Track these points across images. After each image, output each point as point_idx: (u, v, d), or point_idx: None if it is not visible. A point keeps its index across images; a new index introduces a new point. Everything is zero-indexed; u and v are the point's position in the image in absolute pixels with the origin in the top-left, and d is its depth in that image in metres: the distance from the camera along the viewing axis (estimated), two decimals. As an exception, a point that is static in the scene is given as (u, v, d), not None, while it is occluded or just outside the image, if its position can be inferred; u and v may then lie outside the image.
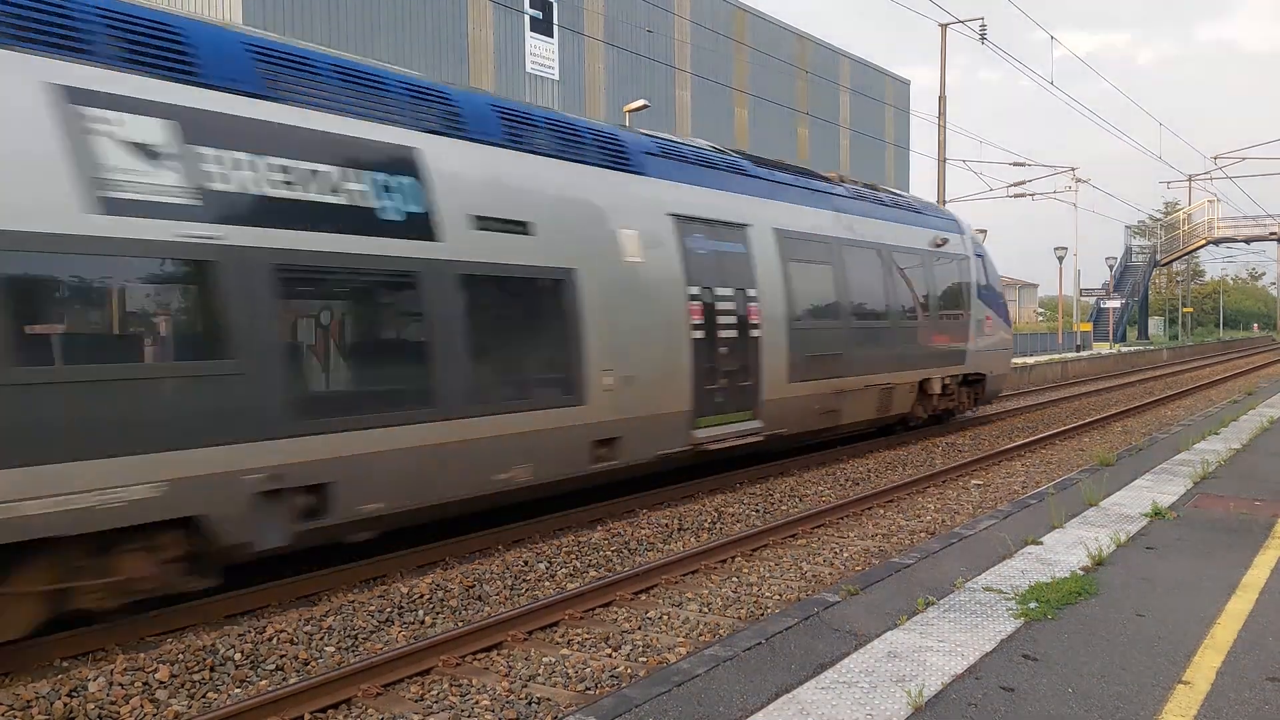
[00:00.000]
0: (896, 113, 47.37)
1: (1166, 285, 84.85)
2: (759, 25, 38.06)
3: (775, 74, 38.21)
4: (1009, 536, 7.92)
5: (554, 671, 6.63)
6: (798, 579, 8.88)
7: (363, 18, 23.83)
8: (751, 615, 7.81)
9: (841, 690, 4.84)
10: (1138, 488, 10.34)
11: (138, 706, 6.14)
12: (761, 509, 12.12)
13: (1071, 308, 53.08)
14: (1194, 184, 61.18)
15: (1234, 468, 11.66)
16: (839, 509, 11.55)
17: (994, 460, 15.69)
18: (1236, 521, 8.64)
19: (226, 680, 6.56)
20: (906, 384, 16.65)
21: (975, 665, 5.15)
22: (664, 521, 11.09)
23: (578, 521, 11.39)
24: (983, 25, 32.55)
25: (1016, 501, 10.03)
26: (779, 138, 39.58)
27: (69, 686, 6.26)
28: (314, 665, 6.88)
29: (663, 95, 33.11)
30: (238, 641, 7.06)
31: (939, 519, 11.43)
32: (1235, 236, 61.31)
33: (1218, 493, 10.01)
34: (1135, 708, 4.62)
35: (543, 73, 28.99)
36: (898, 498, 12.65)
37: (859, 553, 9.82)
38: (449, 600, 8.17)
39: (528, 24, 28.50)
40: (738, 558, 9.58)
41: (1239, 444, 13.53)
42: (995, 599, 6.30)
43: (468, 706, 6.08)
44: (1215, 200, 60.31)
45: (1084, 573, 6.87)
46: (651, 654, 6.95)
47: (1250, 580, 6.78)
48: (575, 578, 9.05)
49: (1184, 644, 5.50)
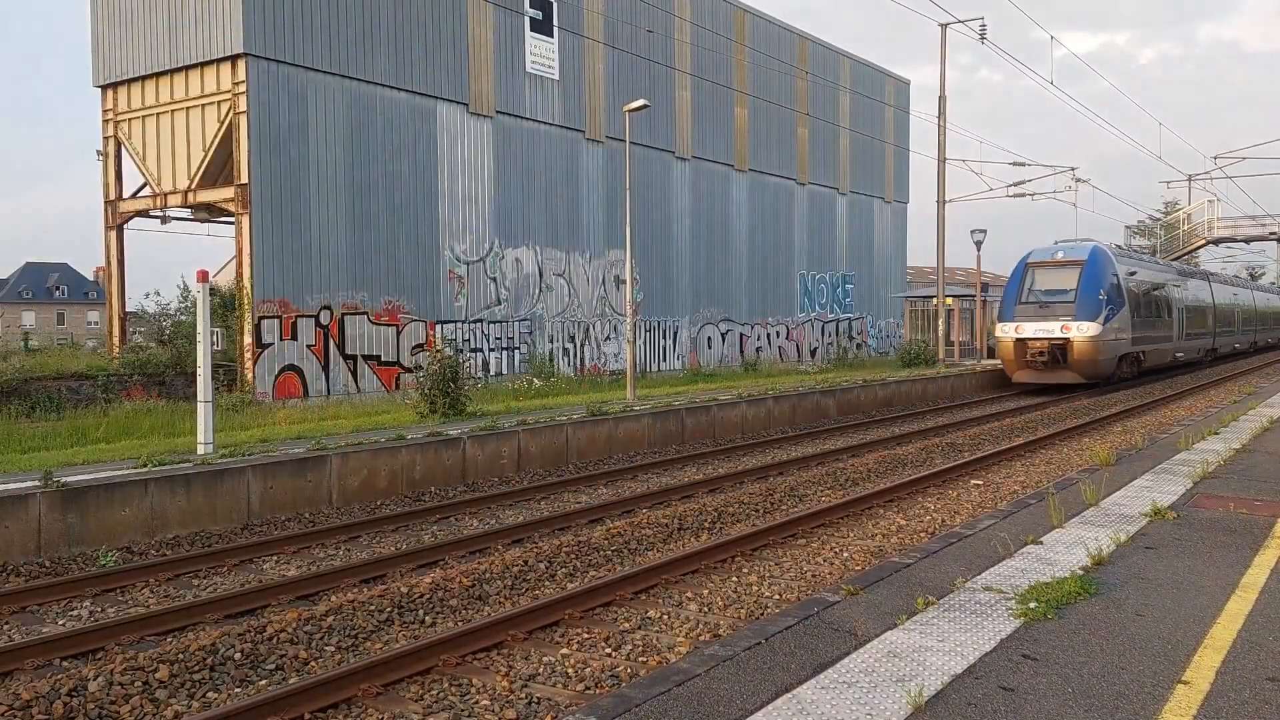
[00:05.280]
0: (896, 113, 47.31)
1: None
2: (759, 25, 38.00)
3: (775, 74, 38.17)
4: (1009, 536, 7.92)
5: (554, 671, 6.63)
6: (798, 579, 8.88)
7: (363, 17, 23.81)
8: (751, 615, 7.81)
9: (841, 690, 4.84)
10: (1137, 488, 10.33)
11: (138, 706, 6.14)
12: (761, 509, 12.12)
13: (1071, 308, 53.04)
14: (1194, 184, 61.20)
15: (1234, 468, 11.66)
16: (839, 509, 11.55)
17: (994, 460, 15.69)
18: (1236, 521, 8.63)
19: (226, 680, 6.57)
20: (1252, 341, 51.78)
21: (975, 665, 5.15)
22: (664, 521, 11.09)
23: (578, 521, 11.40)
24: (983, 25, 32.54)
25: (1016, 501, 10.03)
26: (779, 138, 39.56)
27: (69, 686, 6.26)
28: (314, 665, 6.89)
29: (663, 95, 33.07)
30: (238, 641, 7.06)
31: (939, 519, 11.43)
32: (1235, 236, 61.24)
33: (1217, 493, 10.01)
34: (1135, 708, 4.62)
35: (543, 73, 28.97)
36: (898, 498, 12.65)
37: (859, 553, 9.82)
38: (449, 600, 8.17)
39: (528, 24, 28.46)
40: (738, 558, 9.58)
41: (1239, 444, 13.52)
42: (995, 599, 6.30)
43: (468, 706, 6.09)
44: (1215, 200, 60.30)
45: (1084, 572, 6.86)
46: (651, 654, 6.96)
47: (1250, 580, 6.78)
48: (575, 578, 9.05)
49: (1184, 644, 5.50)
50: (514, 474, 15.05)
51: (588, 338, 31.07)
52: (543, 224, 29.34)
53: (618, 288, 31.87)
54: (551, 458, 15.85)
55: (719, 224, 36.68)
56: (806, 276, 41.83)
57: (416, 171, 25.46)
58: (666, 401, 20.43)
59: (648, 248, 32.79)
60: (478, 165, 27.24)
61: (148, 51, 23.55)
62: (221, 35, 22.02)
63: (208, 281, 13.42)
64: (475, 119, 27.08)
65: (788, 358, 40.10)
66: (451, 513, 12.12)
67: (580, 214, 30.71)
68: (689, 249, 35.17)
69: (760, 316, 38.93)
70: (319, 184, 23.06)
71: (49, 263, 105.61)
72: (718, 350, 36.60)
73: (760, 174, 38.74)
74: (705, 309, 36.03)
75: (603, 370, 31.16)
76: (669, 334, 34.33)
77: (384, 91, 24.61)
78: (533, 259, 28.98)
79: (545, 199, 29.40)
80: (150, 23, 23.45)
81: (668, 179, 34.10)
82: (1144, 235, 69.53)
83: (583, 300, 30.82)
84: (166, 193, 24.06)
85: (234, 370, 22.12)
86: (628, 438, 17.44)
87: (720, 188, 36.71)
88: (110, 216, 25.29)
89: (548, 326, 29.57)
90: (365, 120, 24.15)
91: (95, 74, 24.73)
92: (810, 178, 41.78)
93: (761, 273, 39.00)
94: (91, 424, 16.52)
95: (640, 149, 31.48)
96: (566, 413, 17.92)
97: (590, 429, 16.69)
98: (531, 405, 20.46)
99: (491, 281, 27.64)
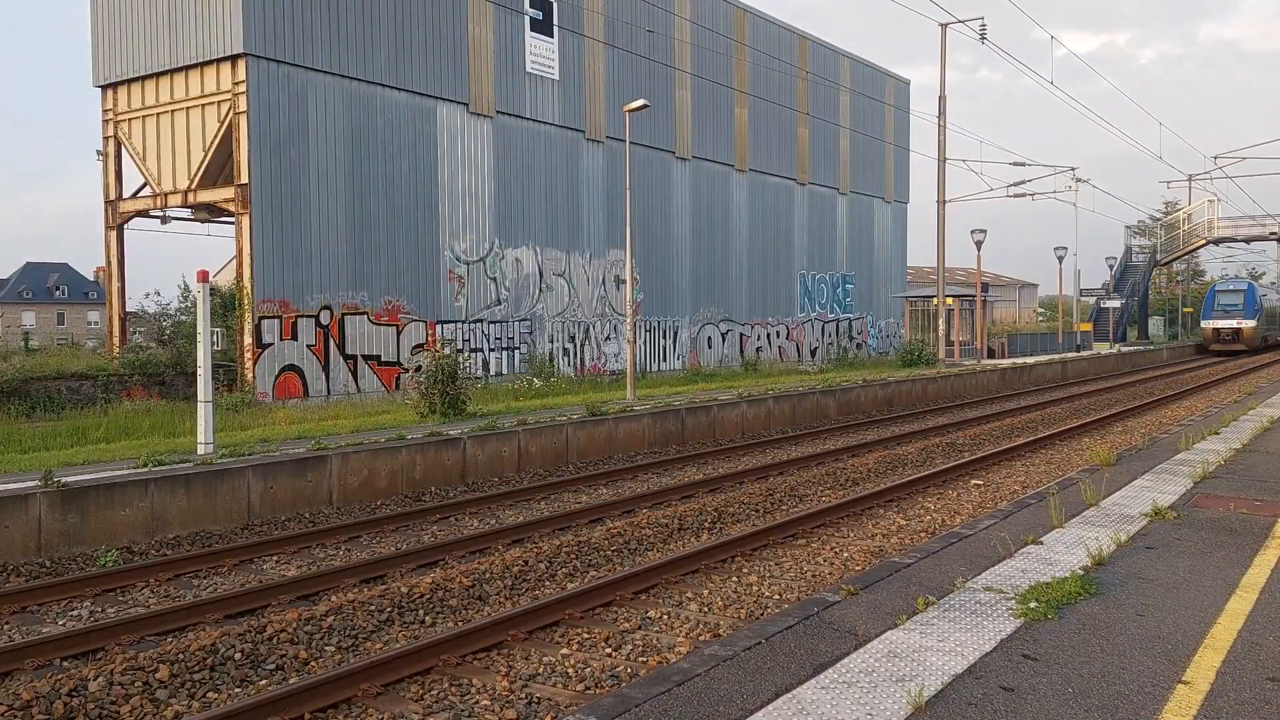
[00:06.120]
0: (896, 113, 47.31)
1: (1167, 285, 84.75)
2: (759, 25, 38.00)
3: (775, 74, 38.18)
4: (1009, 536, 7.92)
5: (554, 671, 6.63)
6: (798, 579, 8.88)
7: (363, 17, 23.81)
8: (751, 615, 7.81)
9: (842, 690, 4.84)
10: (1138, 488, 10.33)
11: (138, 706, 6.14)
12: (761, 509, 12.12)
13: (1071, 308, 53.09)
14: (1194, 184, 61.19)
15: (1234, 468, 11.66)
16: (839, 509, 11.55)
17: (994, 460, 15.69)
18: (1236, 521, 8.63)
19: (226, 680, 6.57)
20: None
21: (975, 665, 5.15)
22: (664, 521, 11.09)
23: (578, 521, 11.40)
24: (983, 25, 32.54)
25: (1016, 501, 10.02)
26: (779, 138, 39.56)
27: (69, 686, 6.26)
28: (314, 665, 6.88)
29: (663, 95, 33.08)
30: (238, 641, 7.06)
31: (939, 519, 11.43)
32: (1235, 236, 61.25)
33: (1218, 493, 10.01)
34: (1135, 708, 4.62)
35: (543, 73, 28.97)
36: (898, 498, 12.65)
37: (859, 553, 9.82)
38: (449, 600, 8.17)
39: (528, 24, 28.47)
40: (738, 558, 9.58)
41: (1239, 444, 13.52)
42: (995, 599, 6.30)
43: (468, 706, 6.09)
44: (1215, 200, 60.28)
45: (1084, 572, 6.86)
46: (651, 654, 6.96)
47: (1250, 580, 6.78)
48: (575, 578, 9.05)
49: (1184, 644, 5.50)
50: (514, 474, 15.05)
51: (588, 338, 31.07)
52: (543, 224, 29.34)
53: (618, 288, 31.87)
54: (551, 458, 15.86)
55: (719, 224, 36.68)
56: (806, 276, 41.83)
57: (416, 171, 25.47)
58: (666, 401, 20.43)
59: (648, 248, 32.79)
60: (478, 165, 27.24)
61: (148, 51, 23.55)
62: (221, 35, 22.02)
63: (208, 281, 13.42)
64: (475, 119, 27.08)
65: (788, 358, 40.11)
66: (451, 513, 12.12)
67: (580, 214, 30.71)
68: (689, 249, 35.17)
69: (760, 316, 38.94)
70: (319, 184, 23.06)
71: (49, 263, 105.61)
72: (718, 350, 36.61)
73: (760, 174, 38.74)
74: (705, 309, 36.03)
75: (603, 370, 31.17)
76: (669, 334, 34.34)
77: (384, 91, 24.61)
78: (533, 259, 28.98)
79: (545, 199, 29.40)
80: (150, 23, 23.45)
81: (668, 179, 34.10)
82: (1144, 235, 69.46)
83: (583, 300, 30.82)
84: (166, 193, 24.06)
85: (234, 370, 22.12)
86: (628, 438, 17.44)
87: (720, 188, 36.72)
88: (110, 216, 25.29)
89: (548, 326, 29.57)
90: (365, 120, 24.15)
91: (95, 74, 24.73)
92: (810, 178, 41.78)
93: (761, 273, 39.00)
94: (91, 424, 16.52)
95: (640, 149, 31.48)
96: (566, 413, 17.92)
97: (590, 429, 16.69)
98: (531, 405, 20.46)
99: (491, 281, 27.64)
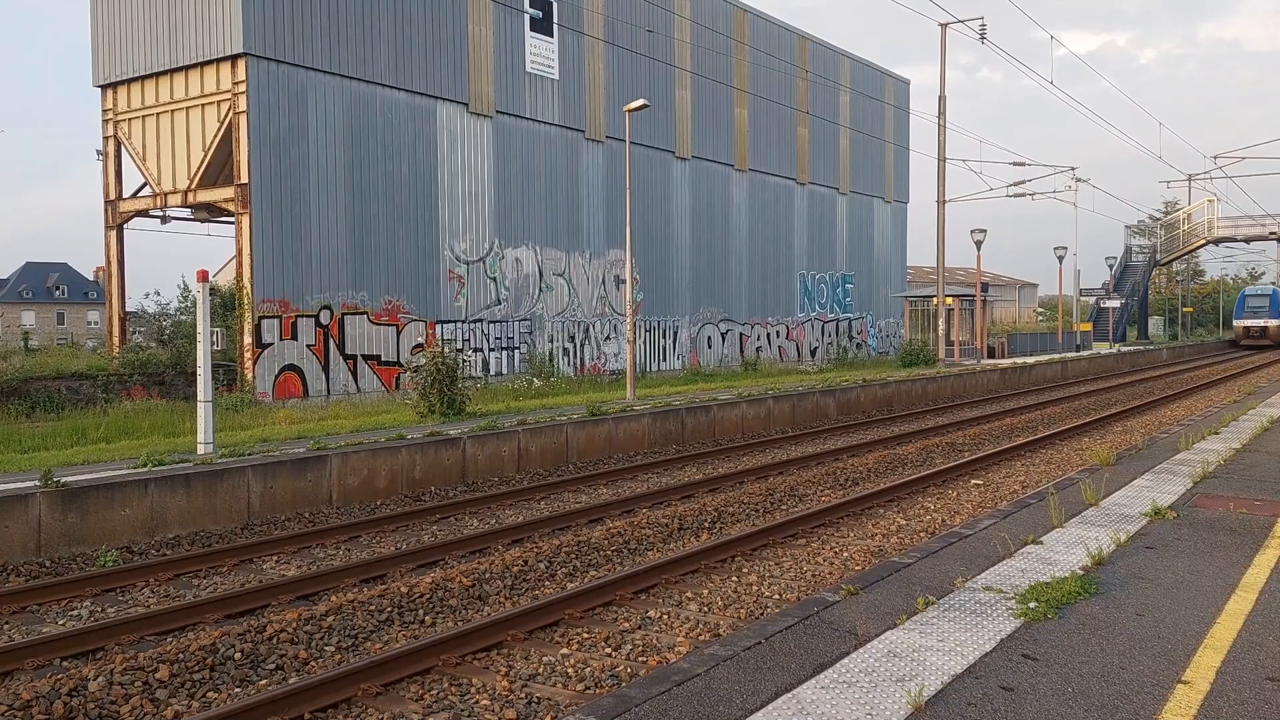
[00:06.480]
0: (896, 112, 47.33)
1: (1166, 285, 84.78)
2: (759, 25, 38.00)
3: (775, 74, 38.19)
4: (1009, 536, 7.92)
5: (554, 671, 6.63)
6: (798, 579, 8.88)
7: (363, 17, 23.82)
8: (751, 615, 7.81)
9: (842, 690, 4.84)
10: (1137, 488, 10.33)
11: (138, 706, 6.14)
12: (761, 509, 12.12)
13: (1071, 307, 53.08)
14: (1194, 183, 61.21)
15: (1234, 468, 11.66)
16: (839, 509, 11.55)
17: (994, 460, 15.69)
18: (1236, 521, 8.63)
19: (226, 680, 6.57)
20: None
21: (975, 665, 5.15)
22: (664, 521, 11.09)
23: (578, 521, 11.40)
24: (983, 25, 32.54)
25: (1016, 501, 10.02)
26: (779, 137, 39.57)
27: (69, 686, 6.26)
28: (314, 665, 6.88)
29: (663, 95, 33.09)
30: (238, 641, 7.06)
31: (939, 519, 11.43)
32: (1235, 236, 61.28)
33: (1217, 493, 10.01)
34: (1135, 708, 4.62)
35: (543, 72, 28.98)
36: (898, 498, 12.65)
37: (859, 552, 9.82)
38: (449, 600, 8.17)
39: (528, 24, 28.47)
40: (738, 557, 9.58)
41: (1239, 444, 13.52)
42: (995, 599, 6.30)
43: (468, 706, 6.09)
44: (1215, 200, 60.29)
45: (1084, 572, 6.86)
46: (651, 654, 6.96)
47: (1250, 580, 6.78)
48: (575, 577, 9.05)
49: (1184, 644, 5.50)
50: (514, 474, 15.05)
51: (588, 337, 31.08)
52: (543, 224, 29.34)
53: (618, 288, 31.87)
54: (551, 457, 15.85)
55: (719, 224, 36.68)
56: (806, 276, 41.83)
57: (416, 171, 25.47)
58: (666, 401, 20.42)
59: (648, 248, 32.79)
60: (478, 165, 27.24)
61: (147, 51, 23.56)
62: (221, 35, 22.03)
63: (208, 281, 13.42)
64: (475, 119, 27.08)
65: (787, 357, 40.11)
66: (451, 513, 12.12)
67: (580, 214, 30.71)
68: (689, 249, 35.17)
69: (760, 316, 38.94)
70: (319, 184, 23.06)
71: (49, 263, 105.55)
72: (717, 350, 36.61)
73: (760, 174, 38.74)
74: (705, 309, 36.03)
75: (603, 370, 31.17)
76: (669, 334, 34.34)
77: (384, 91, 24.62)
78: (533, 259, 28.98)
79: (545, 199, 29.40)
80: (150, 23, 23.45)
81: (668, 179, 34.10)
82: (1144, 235, 69.46)
83: (583, 300, 30.82)
84: (166, 193, 24.06)
85: (234, 370, 22.12)
86: (628, 438, 17.44)
87: (720, 187, 36.72)
88: (110, 216, 25.29)
89: (548, 326, 29.57)
90: (365, 120, 24.15)
91: (95, 74, 24.74)
92: (810, 177, 41.78)
93: (761, 272, 39.00)
94: (91, 424, 16.52)
95: (640, 149, 31.49)
96: (566, 413, 17.91)
97: (590, 429, 16.69)
98: (531, 405, 20.46)
99: (491, 281, 27.64)
